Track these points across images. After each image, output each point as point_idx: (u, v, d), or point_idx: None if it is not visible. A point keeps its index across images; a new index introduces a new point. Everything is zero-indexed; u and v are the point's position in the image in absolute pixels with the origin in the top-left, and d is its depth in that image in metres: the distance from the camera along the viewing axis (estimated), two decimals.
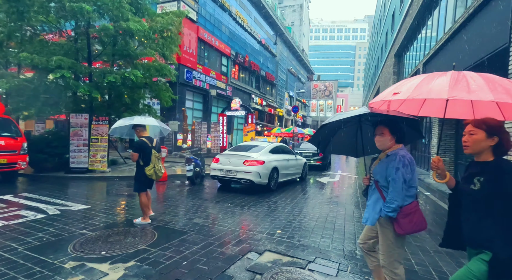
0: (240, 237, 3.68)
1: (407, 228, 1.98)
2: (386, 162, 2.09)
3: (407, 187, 1.99)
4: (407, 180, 1.98)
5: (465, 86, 1.59)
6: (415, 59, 11.76)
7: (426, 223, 2.05)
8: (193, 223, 4.19)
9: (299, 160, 8.98)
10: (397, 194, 1.98)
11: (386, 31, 21.00)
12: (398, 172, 1.98)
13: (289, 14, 56.97)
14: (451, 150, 8.71)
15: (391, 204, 1.99)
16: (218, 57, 19.97)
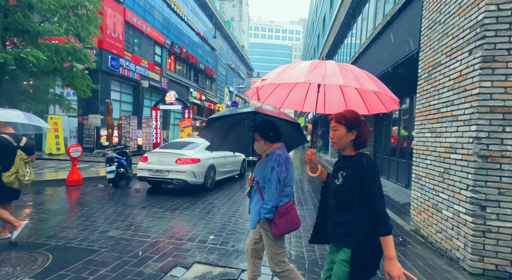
0: (166, 249, 3.18)
1: (283, 228, 1.95)
2: (264, 162, 2.05)
3: (282, 187, 1.97)
4: (282, 179, 1.96)
5: (322, 72, 1.59)
6: (343, 61, 12.79)
7: (299, 221, 2.06)
8: (107, 237, 3.47)
9: (237, 156, 8.75)
10: (272, 195, 1.94)
11: (318, 34, 22.55)
12: (273, 172, 1.94)
13: (228, 9, 56.28)
14: (370, 144, 9.74)
15: (266, 205, 1.95)
16: (151, 45, 18.21)
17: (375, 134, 9.52)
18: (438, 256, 3.38)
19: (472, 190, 2.90)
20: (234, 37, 39.96)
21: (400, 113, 7.71)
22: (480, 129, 2.86)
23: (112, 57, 13.83)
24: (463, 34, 3.18)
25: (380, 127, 9.17)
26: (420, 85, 4.30)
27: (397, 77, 6.53)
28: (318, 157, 18.24)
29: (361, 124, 1.50)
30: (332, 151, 16.59)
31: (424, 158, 4.07)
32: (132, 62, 15.58)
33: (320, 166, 1.75)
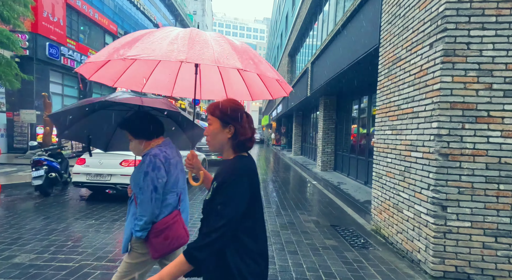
0: (91, 276, 2.55)
1: (162, 248, 1.55)
2: (139, 166, 1.62)
3: (159, 196, 1.55)
4: (160, 186, 1.55)
5: (210, 51, 1.20)
6: (305, 59, 12.83)
7: (187, 234, 1.66)
8: (11, 264, 2.70)
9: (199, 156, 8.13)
10: (145, 208, 1.51)
11: (281, 33, 22.62)
12: (146, 178, 1.53)
13: (191, 2, 54.14)
14: (331, 142, 9.83)
15: (139, 221, 1.52)
16: (100, 34, 16.44)
17: (336, 132, 9.63)
18: (399, 258, 3.25)
19: (433, 190, 2.78)
20: None
21: (359, 111, 7.81)
22: (441, 126, 2.74)
23: (51, 44, 12.05)
24: (424, 27, 3.05)
25: (341, 125, 9.29)
26: (380, 81, 4.20)
27: (356, 74, 6.51)
28: (282, 155, 18.27)
29: (241, 118, 1.12)
30: (296, 148, 16.70)
31: (384, 156, 3.96)
32: (77, 52, 13.84)
33: (205, 172, 1.38)
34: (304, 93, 10.67)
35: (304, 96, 10.55)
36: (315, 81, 9.00)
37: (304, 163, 12.46)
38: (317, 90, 8.87)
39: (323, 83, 7.92)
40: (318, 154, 10.04)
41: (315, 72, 9.05)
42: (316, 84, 8.87)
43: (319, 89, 8.66)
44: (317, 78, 8.78)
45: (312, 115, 13.86)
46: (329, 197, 6.45)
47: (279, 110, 21.22)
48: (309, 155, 14.21)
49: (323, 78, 7.97)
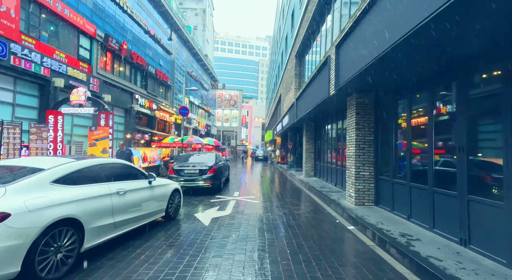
0: None
1: None
2: None
3: None
4: None
5: None
6: (321, 51, 9.99)
7: None
8: None
9: (160, 187, 5.05)
10: None
11: (282, 52, 20.24)
12: None
13: (191, 17, 53.32)
14: (371, 162, 6.69)
15: None
16: (73, 34, 13.96)
17: (377, 146, 6.54)
18: None
19: None
20: (195, 44, 36.63)
21: (428, 112, 4.70)
22: None
23: None
24: None
25: (386, 135, 6.19)
26: None
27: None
28: (290, 176, 15.02)
29: None
30: (307, 168, 13.47)
31: None
32: (36, 52, 11.23)
33: None
34: (322, 93, 7.68)
35: (323, 97, 7.55)
36: (344, 70, 6.02)
37: (322, 189, 9.22)
38: (348, 83, 5.86)
39: (361, 69, 4.91)
40: (349, 179, 6.84)
41: (345, 58, 6.08)
42: (345, 75, 5.88)
43: (350, 81, 5.65)
44: (348, 65, 5.80)
45: (330, 126, 10.79)
46: (396, 270, 3.22)
47: (285, 122, 18.24)
48: (327, 177, 10.97)
49: (359, 62, 4.98)
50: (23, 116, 11.15)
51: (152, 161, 12.50)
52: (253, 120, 70.60)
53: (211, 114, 49.49)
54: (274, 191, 9.91)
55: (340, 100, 7.44)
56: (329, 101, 7.64)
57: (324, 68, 7.63)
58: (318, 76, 8.45)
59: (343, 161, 8.53)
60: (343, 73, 6.07)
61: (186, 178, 8.56)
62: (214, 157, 9.73)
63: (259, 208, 6.81)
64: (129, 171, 4.41)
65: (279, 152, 28.49)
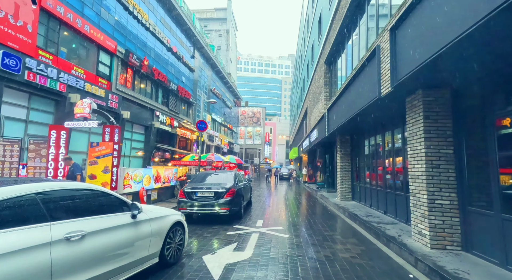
0: None
1: None
2: None
3: None
4: None
5: None
6: (364, 43, 8.40)
7: None
8: None
9: (151, 222, 3.58)
10: None
11: (307, 63, 18.97)
12: None
13: (215, 38, 54.85)
14: (451, 186, 4.76)
15: None
16: (93, 50, 13.75)
17: (460, 163, 4.64)
18: None
19: None
20: (218, 62, 36.78)
21: None
22: None
23: (7, 53, 9.08)
24: None
25: (473, 148, 4.31)
26: None
27: None
28: (321, 198, 12.97)
29: None
30: (343, 190, 11.42)
31: None
32: (53, 67, 10.86)
33: None
34: (368, 95, 5.99)
35: (371, 100, 5.85)
36: (406, 59, 4.35)
37: (369, 218, 7.22)
38: (414, 76, 4.16)
39: (439, 51, 3.25)
40: (416, 210, 4.90)
41: (407, 41, 4.43)
42: (408, 64, 4.21)
43: (417, 71, 3.97)
44: (412, 49, 4.14)
45: (375, 138, 8.92)
46: None
47: (313, 137, 16.45)
48: (372, 203, 8.92)
49: (436, 41, 3.34)
50: (36, 133, 10.61)
51: (167, 180, 11.27)
52: (277, 138, 69.02)
53: (234, 131, 48.83)
54: (305, 218, 8.05)
55: (395, 102, 5.68)
56: (378, 104, 5.91)
57: (371, 63, 5.98)
58: (360, 76, 6.79)
59: (399, 183, 6.56)
60: (405, 63, 4.39)
61: (199, 203, 7.06)
62: (233, 177, 8.20)
63: (290, 248, 5.05)
64: (98, 201, 2.99)
65: (306, 170, 26.37)
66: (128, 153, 16.97)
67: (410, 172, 5.12)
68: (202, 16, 56.27)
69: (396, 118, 6.86)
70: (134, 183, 8.75)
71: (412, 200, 5.06)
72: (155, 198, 10.32)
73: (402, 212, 6.60)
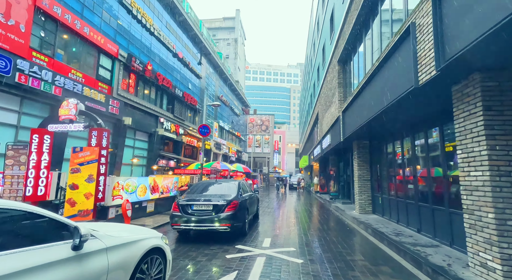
0: None
1: None
2: None
3: None
4: None
5: None
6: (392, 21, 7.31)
7: None
8: None
9: (108, 254, 2.47)
10: None
11: (314, 82, 18.01)
12: None
13: (223, 47, 54.94)
14: None
15: None
16: (93, 54, 13.20)
17: None
18: None
19: None
20: (226, 69, 36.34)
21: None
22: None
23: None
24: None
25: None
26: None
27: None
28: (337, 210, 11.63)
29: None
30: (363, 201, 10.10)
31: None
32: (47, 69, 10.25)
33: None
34: (398, 87, 4.87)
35: (402, 92, 4.71)
36: (461, 27, 3.23)
37: (400, 237, 5.94)
38: (473, 50, 3.04)
39: None
40: (475, 233, 3.66)
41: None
42: (466, 36, 3.09)
43: (482, 41, 2.84)
44: (471, 14, 3.03)
45: (401, 142, 7.72)
46: None
47: (326, 144, 15.23)
48: (400, 217, 7.61)
49: None
50: (28, 139, 9.90)
51: (166, 191, 10.27)
52: (286, 146, 67.65)
53: (242, 139, 47.91)
54: (321, 236, 6.81)
55: (435, 93, 4.52)
56: (411, 98, 4.76)
57: (402, 47, 4.87)
58: (385, 67, 5.67)
59: (437, 195, 5.29)
60: (458, 36, 3.28)
61: (195, 218, 5.98)
62: (237, 187, 7.11)
63: (299, 270, 3.87)
64: (19, 227, 1.97)
65: (317, 179, 24.94)
66: (130, 161, 16.18)
67: (463, 182, 3.90)
68: (210, 26, 56.67)
69: (432, 115, 5.67)
70: (126, 194, 7.78)
71: (467, 220, 3.82)
72: (151, 210, 9.30)
73: (444, 231, 5.31)
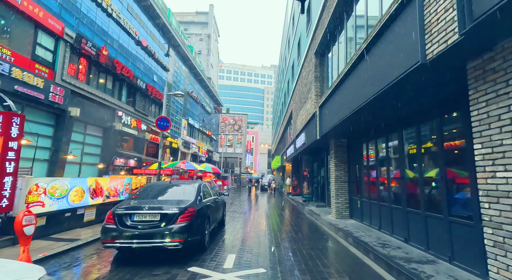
0: None
1: None
2: None
3: None
4: None
5: None
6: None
7: None
8: None
9: None
10: None
11: (292, 63, 17.24)
12: None
13: (196, 42, 52.65)
14: None
15: None
16: (28, 29, 10.93)
17: None
18: None
19: None
20: (197, 64, 34.42)
21: None
22: None
23: None
24: None
25: None
26: None
27: None
28: (311, 215, 10.70)
29: None
30: (340, 205, 9.26)
31: None
32: None
33: None
34: (400, 62, 3.92)
35: (408, 68, 3.76)
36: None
37: (388, 250, 5.04)
38: None
39: None
40: (505, 253, 2.73)
41: None
42: None
43: None
44: None
45: (386, 139, 6.93)
46: None
47: (300, 143, 14.36)
48: (383, 224, 6.80)
49: None
50: None
51: (114, 194, 8.54)
52: (259, 147, 66.89)
53: (214, 139, 46.10)
54: (296, 250, 5.70)
55: (442, 73, 3.62)
56: (412, 80, 3.83)
57: (402, 16, 3.91)
58: (378, 45, 4.73)
59: (432, 199, 4.43)
60: None
61: (136, 232, 4.53)
62: (195, 190, 5.76)
63: None
64: None
65: (289, 181, 24.22)
66: (79, 160, 13.93)
67: (483, 186, 2.99)
68: (182, 19, 54.08)
69: (431, 105, 4.83)
70: (51, 200, 6.03)
71: (490, 235, 2.90)
72: (92, 218, 7.55)
73: (441, 243, 4.47)
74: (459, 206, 4.18)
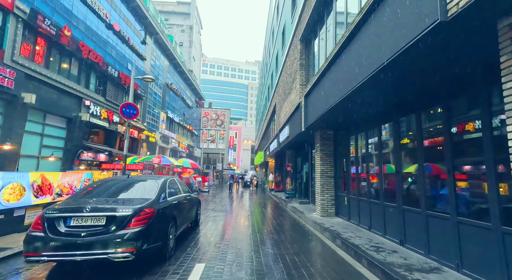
0: None
1: None
2: None
3: None
4: None
5: None
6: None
7: None
8: None
9: None
10: None
11: (272, 73, 16.40)
12: None
13: (177, 33, 50.50)
14: None
15: None
16: None
17: None
18: None
19: None
20: (178, 55, 32.74)
21: None
22: None
23: None
24: None
25: None
26: None
27: None
28: (294, 212, 9.97)
29: None
30: (325, 202, 8.58)
31: None
32: None
33: None
34: (412, 23, 3.14)
35: (426, 27, 2.99)
36: None
37: (384, 254, 4.35)
38: None
39: None
40: None
41: None
42: None
43: None
44: None
45: (378, 130, 6.26)
46: None
47: (284, 136, 13.61)
48: (373, 224, 6.15)
49: None
50: None
51: (68, 192, 7.33)
52: (242, 143, 65.91)
53: (195, 134, 44.56)
54: (279, 255, 4.89)
55: (459, 36, 2.88)
56: (424, 50, 3.07)
57: None
58: (378, 11, 3.95)
59: (436, 198, 3.75)
60: None
61: (71, 241, 3.50)
62: (158, 187, 4.79)
63: None
64: None
65: (272, 177, 23.53)
66: (37, 153, 12.36)
67: None
68: (163, 9, 51.63)
69: (439, 86, 4.13)
70: None
71: None
72: None
73: (447, 248, 3.81)
74: (468, 205, 3.52)
